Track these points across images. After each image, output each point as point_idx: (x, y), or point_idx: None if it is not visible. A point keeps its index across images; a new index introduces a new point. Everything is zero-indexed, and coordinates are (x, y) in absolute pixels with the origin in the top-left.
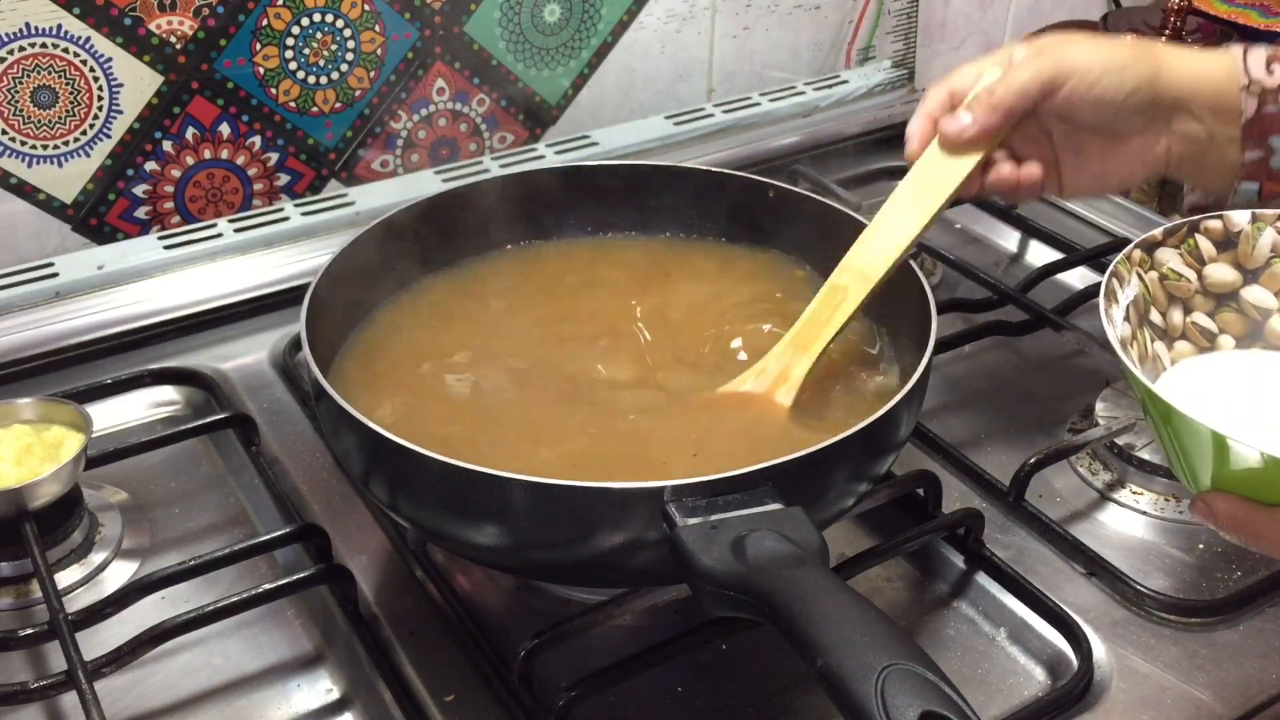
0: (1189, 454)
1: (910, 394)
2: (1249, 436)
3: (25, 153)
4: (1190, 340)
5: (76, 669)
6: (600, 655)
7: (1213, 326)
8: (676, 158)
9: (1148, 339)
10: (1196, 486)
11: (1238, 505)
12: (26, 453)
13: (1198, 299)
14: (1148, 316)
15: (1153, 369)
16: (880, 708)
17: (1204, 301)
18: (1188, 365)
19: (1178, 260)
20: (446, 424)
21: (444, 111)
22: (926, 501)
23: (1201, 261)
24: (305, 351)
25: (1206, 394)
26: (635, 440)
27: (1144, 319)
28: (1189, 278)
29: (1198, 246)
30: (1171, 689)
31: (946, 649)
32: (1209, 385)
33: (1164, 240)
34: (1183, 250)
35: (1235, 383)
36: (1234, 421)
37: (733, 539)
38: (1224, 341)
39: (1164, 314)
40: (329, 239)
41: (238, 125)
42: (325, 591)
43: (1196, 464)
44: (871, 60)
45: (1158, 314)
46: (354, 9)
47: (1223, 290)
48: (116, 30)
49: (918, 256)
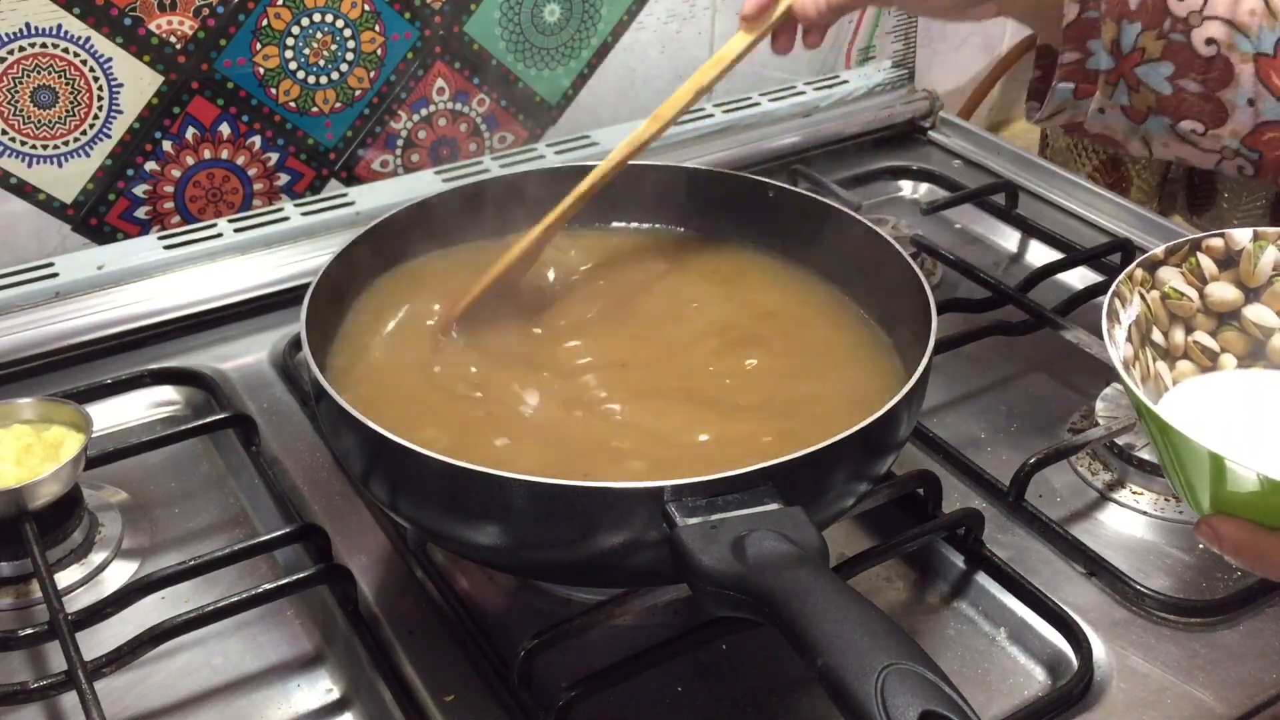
0: (1189, 476)
1: (910, 394)
2: (1249, 458)
3: (25, 153)
4: (1192, 359)
5: (76, 669)
6: (600, 655)
7: (1214, 345)
8: (676, 158)
9: (1150, 359)
10: (1198, 508)
11: (1242, 529)
12: (26, 453)
13: (1199, 318)
14: (1149, 336)
15: (1155, 389)
16: (880, 708)
17: (1206, 320)
18: (1189, 386)
19: (1179, 279)
20: (447, 423)
21: (444, 111)
22: (926, 501)
23: (1203, 280)
24: (305, 351)
25: (1208, 415)
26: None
27: (1146, 338)
28: (1190, 296)
29: (1199, 265)
30: (1171, 689)
31: (946, 649)
32: (1210, 406)
33: (1166, 259)
34: (1184, 269)
35: (1237, 403)
36: (1235, 443)
37: (733, 539)
38: (1226, 361)
39: (1166, 333)
40: (329, 239)
41: (238, 125)
42: (325, 591)
43: (1196, 486)
44: (871, 60)
45: (1159, 333)
46: (354, 9)
47: (1224, 309)
48: (116, 30)
49: (918, 256)
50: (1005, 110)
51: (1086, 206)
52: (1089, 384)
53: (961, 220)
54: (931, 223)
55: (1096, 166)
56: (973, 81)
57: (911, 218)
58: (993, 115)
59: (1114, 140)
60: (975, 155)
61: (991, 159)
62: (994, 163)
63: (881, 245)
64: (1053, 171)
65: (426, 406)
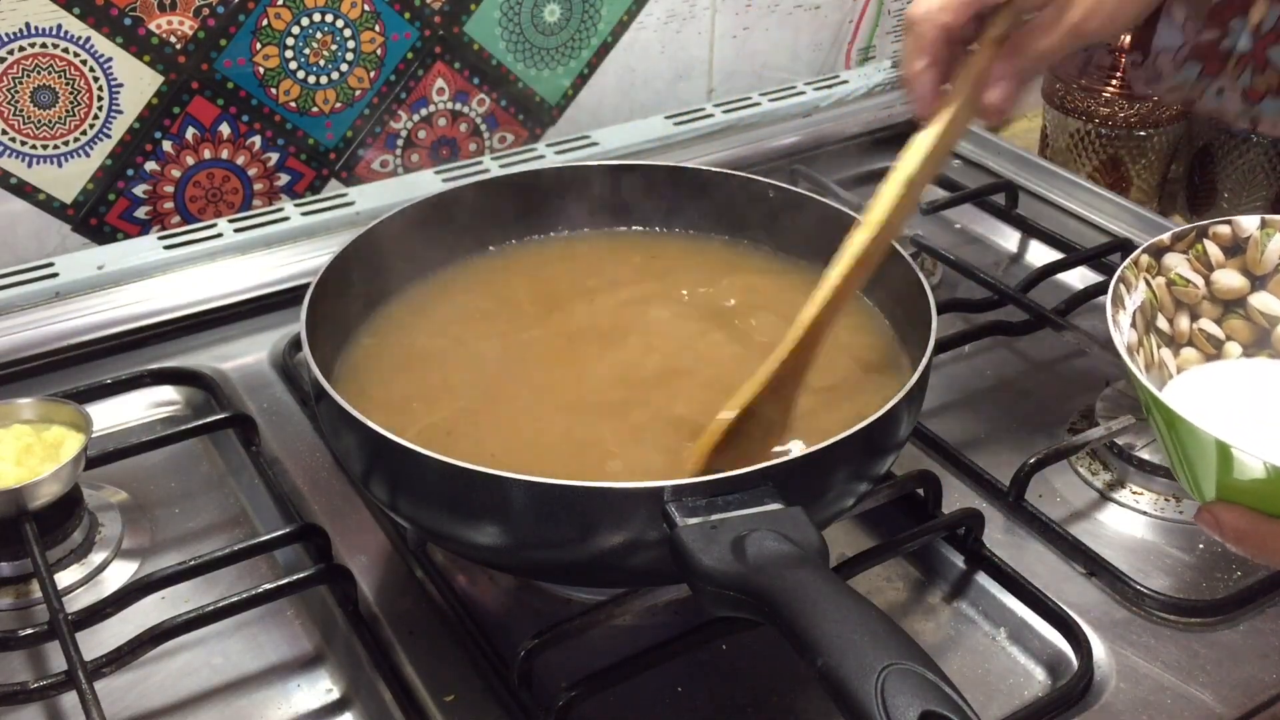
0: (1193, 463)
1: (910, 394)
2: (1254, 446)
3: (25, 153)
4: (1197, 347)
5: (76, 669)
6: (600, 655)
7: (1219, 333)
8: (676, 158)
9: (1154, 345)
10: (1201, 497)
11: (1243, 517)
12: (26, 453)
13: (1205, 305)
14: (1154, 323)
15: (1159, 376)
16: (880, 708)
17: (1211, 308)
18: (1194, 373)
19: (1185, 266)
20: (447, 423)
21: (444, 111)
22: (926, 501)
23: (1209, 267)
24: (305, 351)
25: (1212, 402)
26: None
27: (1150, 325)
28: (1196, 283)
29: (1205, 252)
30: (1171, 689)
31: (946, 649)
32: (1215, 393)
33: (1172, 245)
34: (1190, 256)
35: (1242, 391)
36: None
37: (733, 539)
38: (1231, 349)
39: (1171, 320)
40: (329, 239)
41: (238, 125)
42: (325, 591)
43: (1201, 474)
44: (871, 60)
45: (1164, 320)
46: (354, 9)
47: (1230, 296)
48: (116, 30)
49: (918, 256)
50: None
51: (1086, 206)
52: (1089, 384)
53: (961, 220)
54: (931, 223)
55: (1096, 166)
56: None
57: (911, 218)
58: None
59: (1222, 119)
60: (975, 155)
61: (991, 159)
62: (994, 163)
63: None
64: (1053, 171)
65: (430, 405)
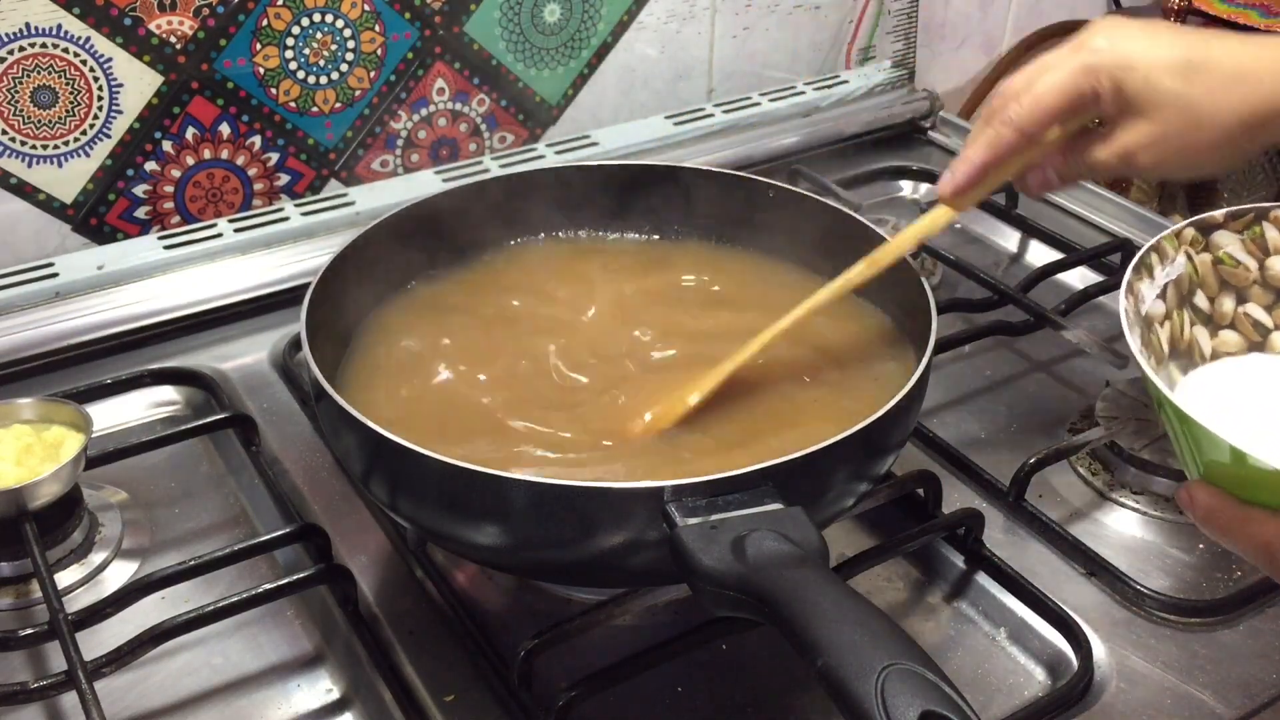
0: (1179, 438)
1: (910, 394)
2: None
3: (25, 153)
4: (1239, 331)
5: (76, 669)
6: (600, 655)
7: (1267, 321)
8: (676, 158)
9: (1186, 321)
10: (1190, 475)
11: (1215, 497)
12: (26, 453)
13: (1255, 290)
14: (1190, 298)
15: (1189, 354)
16: (880, 708)
17: (1262, 294)
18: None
19: (1238, 246)
20: (447, 423)
21: (444, 111)
22: (926, 501)
23: (1266, 252)
24: (305, 351)
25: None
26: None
27: (1186, 300)
28: (1249, 266)
29: (1263, 235)
30: (1171, 689)
31: (946, 649)
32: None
33: (1225, 223)
34: (1245, 237)
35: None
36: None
37: (733, 539)
38: (1276, 339)
39: (1213, 299)
40: (329, 239)
41: (238, 125)
42: (325, 591)
43: (1185, 449)
44: (871, 60)
45: (1204, 298)
46: (354, 9)
47: None
48: (116, 30)
49: (918, 256)
50: None
51: (1086, 206)
52: (1089, 384)
53: (961, 220)
54: None
55: None
56: (973, 82)
57: (911, 218)
58: None
59: None
60: None
61: None
62: None
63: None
64: None
65: (430, 405)
